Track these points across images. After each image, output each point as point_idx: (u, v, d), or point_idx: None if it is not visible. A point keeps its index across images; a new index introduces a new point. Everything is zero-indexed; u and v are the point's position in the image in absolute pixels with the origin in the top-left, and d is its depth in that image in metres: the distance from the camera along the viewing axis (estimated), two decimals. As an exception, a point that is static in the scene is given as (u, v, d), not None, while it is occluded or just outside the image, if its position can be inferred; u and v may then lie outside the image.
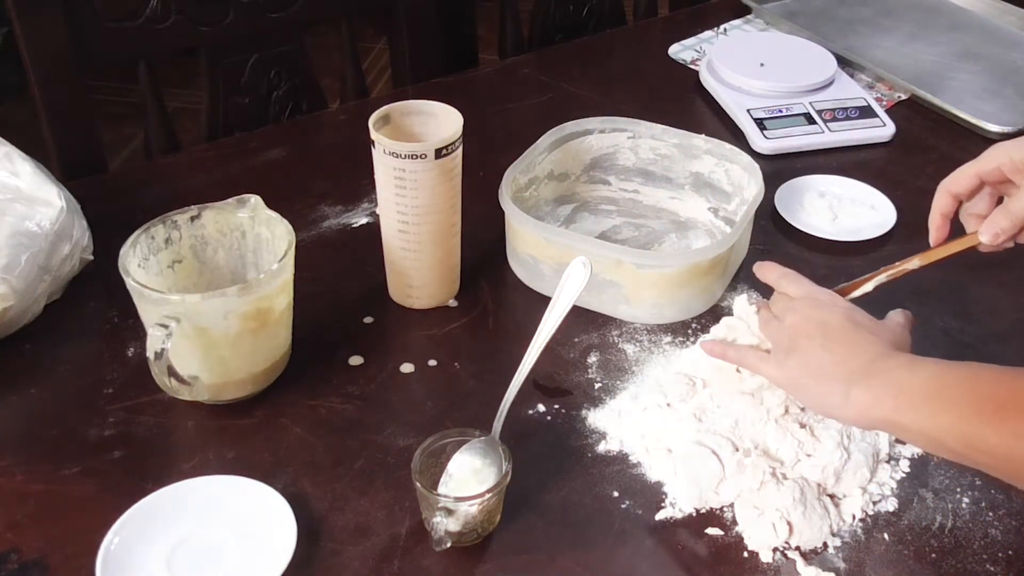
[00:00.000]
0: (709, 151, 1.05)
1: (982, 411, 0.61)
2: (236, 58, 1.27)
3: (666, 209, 1.09)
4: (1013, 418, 0.60)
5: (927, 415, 0.63)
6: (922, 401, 0.64)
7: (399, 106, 0.91)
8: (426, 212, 0.90)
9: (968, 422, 0.62)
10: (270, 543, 0.73)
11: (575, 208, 1.09)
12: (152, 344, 0.77)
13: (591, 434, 0.84)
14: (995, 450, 0.60)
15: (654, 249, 1.04)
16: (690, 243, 1.05)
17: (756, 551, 0.74)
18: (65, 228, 0.93)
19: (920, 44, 1.43)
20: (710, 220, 1.07)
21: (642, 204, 1.09)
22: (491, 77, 1.42)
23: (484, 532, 0.75)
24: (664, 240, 1.06)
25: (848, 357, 0.69)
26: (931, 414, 0.63)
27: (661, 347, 0.92)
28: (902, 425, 0.65)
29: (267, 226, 0.87)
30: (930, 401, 0.64)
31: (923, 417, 0.64)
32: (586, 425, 0.84)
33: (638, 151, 1.08)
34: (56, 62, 1.14)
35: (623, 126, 1.07)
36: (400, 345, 0.93)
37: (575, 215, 1.08)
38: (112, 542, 0.72)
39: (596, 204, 1.10)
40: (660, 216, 1.09)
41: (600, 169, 1.09)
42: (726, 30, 1.47)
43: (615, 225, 1.07)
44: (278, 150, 1.20)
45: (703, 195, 1.07)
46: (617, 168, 1.09)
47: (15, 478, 0.79)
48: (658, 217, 1.09)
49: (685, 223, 1.07)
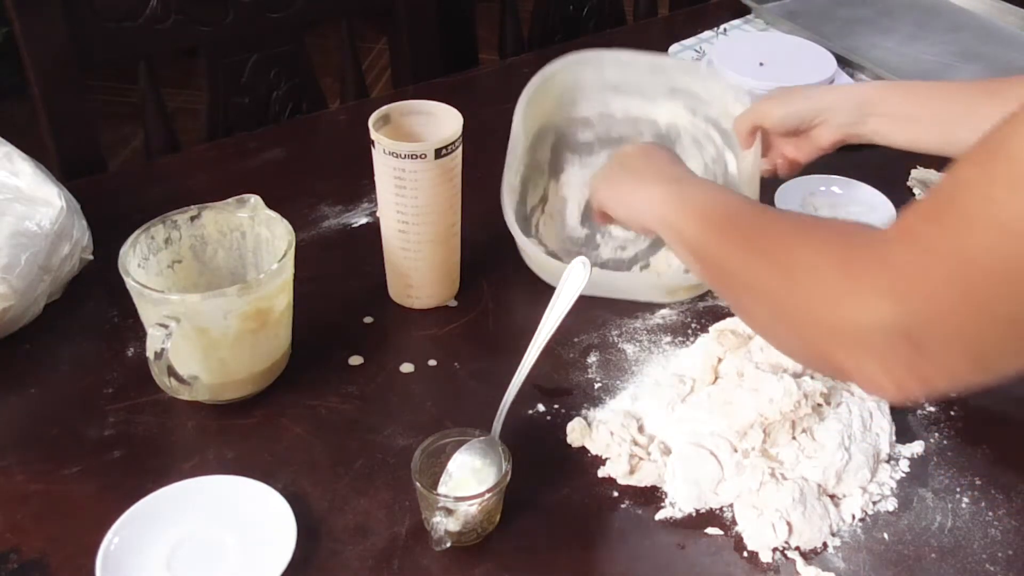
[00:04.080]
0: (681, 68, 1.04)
1: (713, 226, 0.70)
2: (236, 58, 1.27)
3: (643, 119, 1.06)
4: (730, 233, 0.68)
5: (688, 222, 0.73)
6: (691, 211, 0.73)
7: (399, 106, 0.91)
8: (426, 212, 0.90)
9: (705, 234, 0.71)
10: (270, 543, 0.73)
11: (554, 145, 1.05)
12: (152, 344, 0.77)
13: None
14: (714, 259, 0.69)
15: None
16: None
17: (756, 551, 0.74)
18: (65, 228, 0.93)
19: (920, 44, 1.43)
20: (691, 123, 1.04)
21: (616, 119, 1.06)
22: (491, 77, 1.42)
23: (484, 532, 0.75)
24: None
25: (650, 173, 0.81)
26: (690, 222, 0.73)
27: (661, 347, 0.92)
28: (676, 227, 0.74)
29: (267, 226, 0.87)
30: (695, 212, 0.73)
31: (686, 224, 0.73)
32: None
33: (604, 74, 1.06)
34: (56, 62, 1.14)
35: (586, 60, 1.05)
36: (400, 345, 0.93)
37: (558, 159, 1.05)
38: (112, 542, 0.72)
39: (574, 134, 1.06)
40: (640, 129, 1.05)
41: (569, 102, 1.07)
42: (726, 30, 1.47)
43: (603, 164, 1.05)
44: (278, 150, 1.20)
45: (678, 100, 1.05)
46: (587, 93, 1.06)
47: (15, 478, 0.79)
48: (639, 132, 1.06)
49: (667, 134, 1.05)
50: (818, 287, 0.56)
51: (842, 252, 0.56)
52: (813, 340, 0.57)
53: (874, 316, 0.51)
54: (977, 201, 0.48)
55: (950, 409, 0.86)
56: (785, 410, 0.77)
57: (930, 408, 0.86)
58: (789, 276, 0.59)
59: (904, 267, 0.51)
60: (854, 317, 0.52)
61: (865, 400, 0.82)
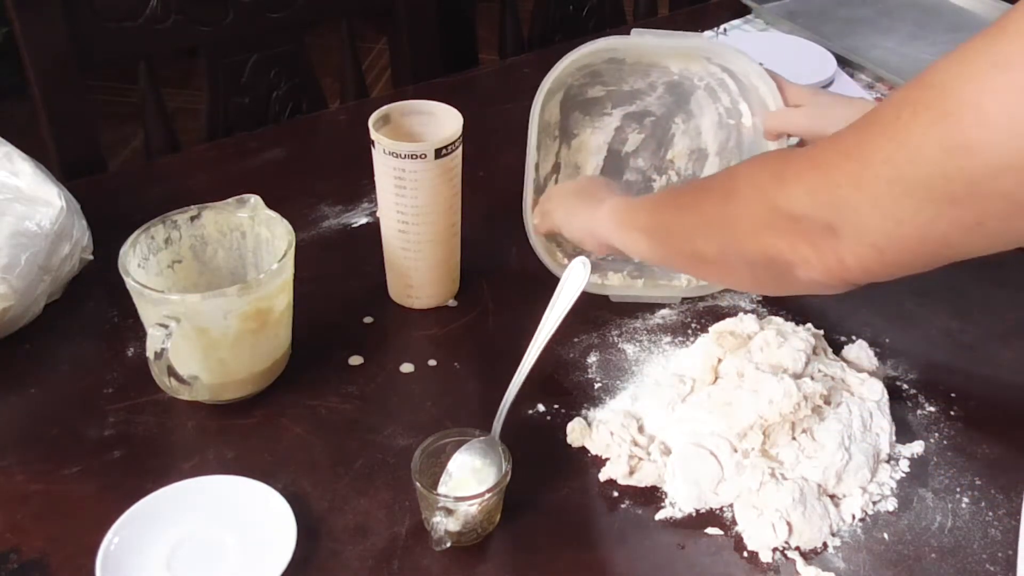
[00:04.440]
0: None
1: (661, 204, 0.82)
2: (236, 58, 1.27)
3: (656, 65, 0.99)
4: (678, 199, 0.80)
5: (639, 212, 0.82)
6: (639, 204, 0.84)
7: (399, 106, 0.91)
8: (426, 212, 0.90)
9: (655, 212, 0.81)
10: (270, 543, 0.73)
11: (563, 103, 1.00)
12: (152, 344, 0.77)
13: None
14: (666, 226, 0.79)
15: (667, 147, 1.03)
16: (698, 122, 1.02)
17: (756, 551, 0.74)
18: (65, 228, 0.93)
19: (920, 44, 1.43)
20: (705, 70, 0.99)
21: (627, 66, 0.99)
22: (491, 77, 1.42)
23: (484, 532, 0.75)
24: (671, 128, 1.02)
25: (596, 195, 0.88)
26: (640, 212, 0.82)
27: (661, 347, 0.92)
28: (629, 222, 0.82)
29: (267, 226, 0.87)
30: (643, 203, 0.83)
31: (637, 215, 0.82)
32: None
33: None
34: (56, 62, 1.14)
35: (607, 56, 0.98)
36: (400, 345, 0.93)
37: (568, 121, 1.01)
38: (112, 542, 0.72)
39: (583, 91, 1.00)
40: (652, 79, 1.00)
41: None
42: (726, 30, 1.47)
43: (617, 127, 1.03)
44: (278, 150, 1.20)
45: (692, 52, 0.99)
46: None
47: (15, 478, 0.79)
48: (651, 84, 1.01)
49: (680, 82, 1.00)
50: (755, 191, 0.65)
51: (775, 163, 0.67)
52: (755, 242, 0.65)
53: (799, 204, 0.61)
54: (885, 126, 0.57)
55: (950, 409, 0.86)
56: (785, 412, 0.77)
57: (930, 408, 0.86)
58: (731, 195, 0.69)
59: (823, 165, 0.60)
60: (786, 205, 0.62)
61: (865, 400, 0.82)
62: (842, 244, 0.59)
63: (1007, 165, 0.51)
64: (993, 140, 0.51)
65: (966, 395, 0.88)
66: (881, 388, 0.83)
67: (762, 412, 0.77)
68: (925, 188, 0.54)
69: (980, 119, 0.51)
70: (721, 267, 0.74)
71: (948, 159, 0.53)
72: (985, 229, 0.55)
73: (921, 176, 0.54)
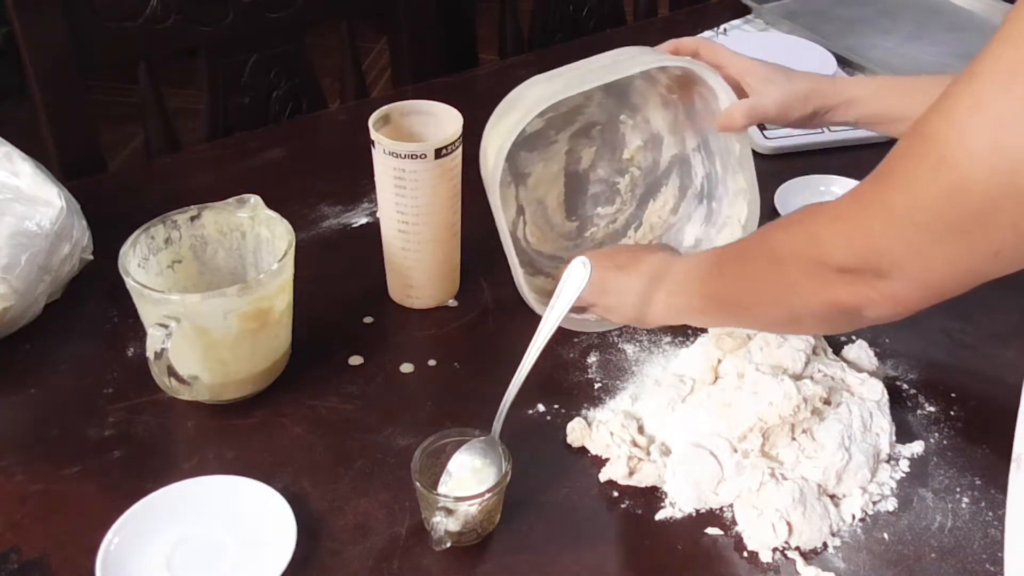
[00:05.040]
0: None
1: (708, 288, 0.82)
2: (236, 58, 1.27)
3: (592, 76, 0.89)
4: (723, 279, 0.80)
5: (693, 299, 0.83)
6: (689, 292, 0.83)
7: (399, 106, 0.91)
8: (426, 212, 0.90)
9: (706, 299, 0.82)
10: (270, 543, 0.73)
11: (511, 154, 0.88)
12: (152, 344, 0.77)
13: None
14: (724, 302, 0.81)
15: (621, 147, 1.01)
16: (644, 113, 0.99)
17: (756, 551, 0.74)
18: (65, 228, 0.93)
19: (920, 44, 1.43)
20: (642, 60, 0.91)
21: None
22: (491, 77, 1.42)
23: (484, 532, 0.75)
24: (620, 128, 1.00)
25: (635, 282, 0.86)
26: (694, 299, 0.83)
27: (661, 347, 0.92)
28: (687, 313, 0.84)
29: (267, 226, 0.87)
30: (692, 290, 0.83)
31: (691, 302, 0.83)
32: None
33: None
34: (56, 62, 1.14)
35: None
36: (400, 345, 0.93)
37: (516, 163, 0.95)
38: (112, 542, 0.72)
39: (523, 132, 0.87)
40: (588, 93, 0.94)
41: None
42: (726, 30, 1.47)
43: (567, 151, 0.99)
44: (278, 150, 1.20)
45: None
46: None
47: (15, 478, 0.79)
48: (589, 99, 0.96)
49: (616, 82, 0.91)
50: (798, 257, 0.69)
51: (803, 223, 0.70)
52: (819, 300, 0.68)
53: (843, 258, 0.65)
54: (895, 177, 0.61)
55: (950, 409, 0.86)
56: (784, 414, 0.77)
57: (930, 408, 0.86)
58: (777, 264, 0.71)
59: (852, 218, 0.64)
60: (832, 262, 0.66)
61: (865, 400, 0.82)
62: (894, 284, 0.63)
63: (1002, 195, 0.55)
64: (983, 176, 0.55)
65: (966, 395, 0.88)
66: (881, 388, 0.83)
67: (762, 414, 0.77)
68: (941, 229, 0.59)
69: (968, 159, 0.55)
70: (795, 325, 0.80)
71: (952, 200, 0.57)
72: (1004, 257, 0.58)
73: (935, 218, 0.58)
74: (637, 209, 1.05)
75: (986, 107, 0.55)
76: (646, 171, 1.04)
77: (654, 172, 1.04)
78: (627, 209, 1.05)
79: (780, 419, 0.77)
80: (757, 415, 0.78)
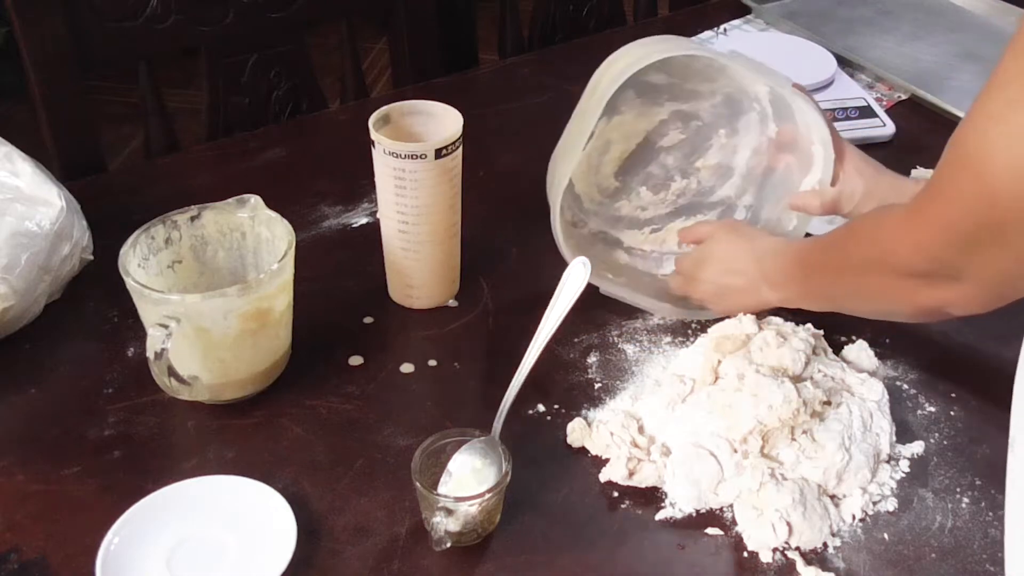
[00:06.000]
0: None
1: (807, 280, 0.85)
2: (236, 58, 1.27)
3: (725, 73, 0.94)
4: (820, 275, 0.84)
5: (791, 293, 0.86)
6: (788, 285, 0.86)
7: (399, 106, 0.91)
8: (426, 212, 0.90)
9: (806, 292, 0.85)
10: (270, 543, 0.73)
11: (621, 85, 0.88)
12: (152, 344, 0.77)
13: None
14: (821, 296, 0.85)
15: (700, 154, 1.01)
16: (737, 141, 1.00)
17: (756, 551, 0.74)
18: (65, 228, 0.93)
19: (920, 44, 1.43)
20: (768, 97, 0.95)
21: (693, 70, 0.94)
22: (491, 77, 1.42)
23: (484, 532, 0.75)
24: (712, 139, 1.01)
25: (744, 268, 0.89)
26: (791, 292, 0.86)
27: (661, 347, 0.92)
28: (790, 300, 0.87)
29: (267, 226, 0.87)
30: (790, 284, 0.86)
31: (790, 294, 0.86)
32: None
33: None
34: (56, 62, 1.14)
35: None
36: (400, 345, 0.93)
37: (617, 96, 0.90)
38: (112, 542, 0.72)
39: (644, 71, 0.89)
40: (714, 88, 0.96)
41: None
42: (726, 30, 1.47)
43: (663, 120, 1.00)
44: (278, 150, 1.20)
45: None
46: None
47: (15, 478, 0.79)
48: (711, 94, 0.97)
49: (740, 98, 0.97)
50: (879, 268, 0.73)
51: (872, 235, 0.75)
52: (910, 303, 0.73)
53: (919, 265, 0.69)
54: (943, 188, 0.66)
55: (950, 409, 0.86)
56: (784, 417, 0.77)
57: (930, 408, 0.86)
58: (862, 279, 0.77)
59: (914, 229, 0.68)
60: (909, 270, 0.70)
61: (865, 401, 0.82)
62: (965, 287, 0.67)
63: None
64: (1010, 187, 0.59)
65: (966, 395, 0.88)
66: (881, 388, 0.83)
67: (761, 417, 0.77)
68: (985, 236, 0.63)
69: (994, 171, 0.60)
70: (893, 319, 0.83)
71: (988, 209, 0.61)
72: None
73: (979, 227, 0.63)
74: (668, 216, 1.04)
75: (1003, 119, 0.59)
76: (700, 190, 1.04)
77: (705, 196, 1.04)
78: (662, 209, 1.04)
79: (780, 422, 0.77)
80: (757, 418, 0.77)
